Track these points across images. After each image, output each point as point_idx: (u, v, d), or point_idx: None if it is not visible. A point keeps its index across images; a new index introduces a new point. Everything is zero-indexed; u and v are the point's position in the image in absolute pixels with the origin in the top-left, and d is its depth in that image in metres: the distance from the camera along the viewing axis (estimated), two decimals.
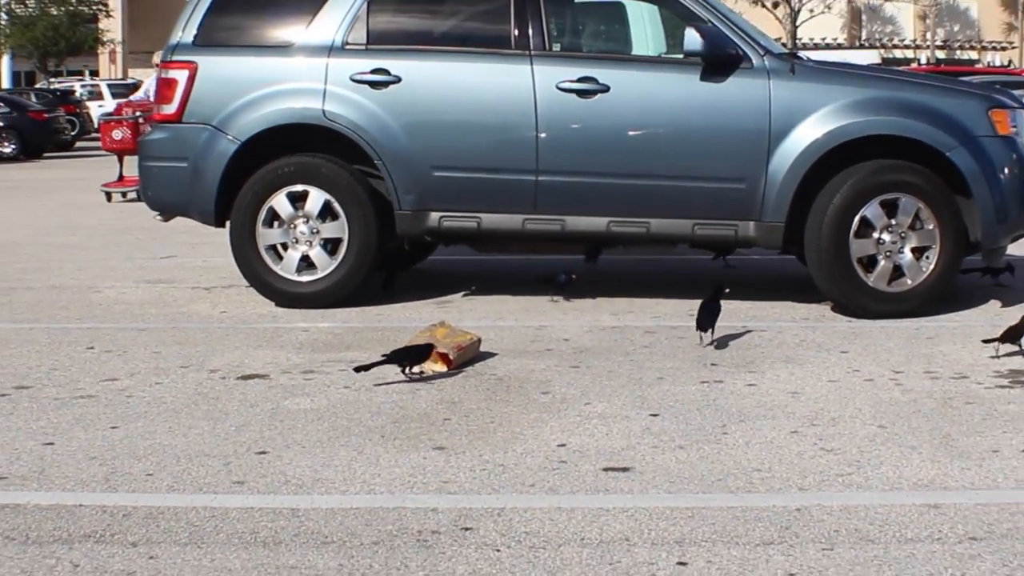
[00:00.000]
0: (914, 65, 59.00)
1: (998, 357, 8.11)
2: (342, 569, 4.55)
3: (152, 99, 18.75)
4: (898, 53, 72.46)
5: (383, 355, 7.37)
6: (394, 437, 6.28)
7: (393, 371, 7.51)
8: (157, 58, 21.83)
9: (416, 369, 7.55)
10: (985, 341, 8.19)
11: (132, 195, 18.91)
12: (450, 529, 4.96)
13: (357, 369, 7.32)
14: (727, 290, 8.83)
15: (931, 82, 10.78)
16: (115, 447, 6.12)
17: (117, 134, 19.49)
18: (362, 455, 5.98)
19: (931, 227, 9.47)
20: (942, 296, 9.67)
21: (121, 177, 19.36)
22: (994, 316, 9.66)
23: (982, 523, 5.09)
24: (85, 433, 6.37)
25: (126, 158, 19.29)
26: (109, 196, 19.35)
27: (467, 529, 4.96)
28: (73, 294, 10.60)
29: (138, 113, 19.59)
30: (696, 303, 9.17)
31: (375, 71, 9.67)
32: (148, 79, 21.08)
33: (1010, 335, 8.19)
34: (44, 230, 15.81)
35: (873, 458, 6.00)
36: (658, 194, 9.55)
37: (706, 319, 8.58)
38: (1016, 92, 13.98)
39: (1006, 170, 9.52)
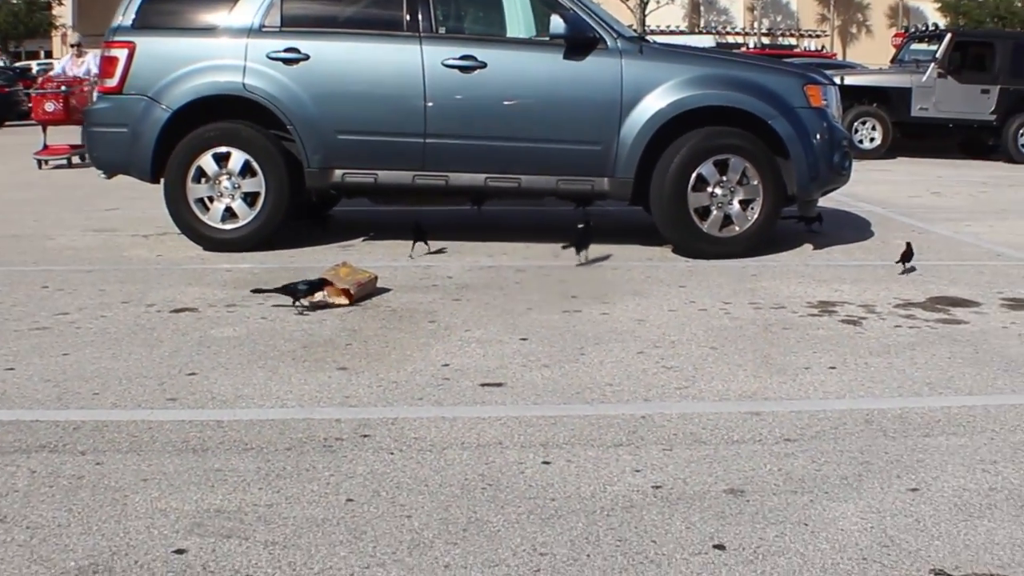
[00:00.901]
0: (743, 49, 59.35)
1: (904, 273, 8.90)
2: (260, 471, 4.53)
3: (91, 76, 18.45)
4: (730, 39, 72.75)
5: (276, 287, 7.41)
6: (303, 360, 6.25)
7: (302, 304, 7.49)
8: (73, 38, 21.47)
9: (320, 300, 7.53)
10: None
11: (57, 163, 18.42)
12: (351, 436, 4.95)
13: (254, 291, 7.43)
14: (591, 223, 9.14)
15: (756, 62, 10.86)
16: (66, 371, 6.04)
17: (49, 106, 18.77)
18: (276, 375, 5.95)
19: (755, 183, 9.62)
20: (764, 240, 9.78)
21: (45, 146, 18.55)
22: (807, 257, 9.81)
23: (795, 427, 5.16)
24: (40, 359, 6.28)
25: (50, 128, 18.74)
26: (40, 163, 18.41)
27: (366, 436, 4.95)
28: (30, 242, 10.41)
29: (64, 88, 18.95)
30: (558, 247, 9.22)
31: (287, 50, 9.59)
32: (73, 58, 20.19)
33: (902, 258, 9.19)
34: (3, 187, 15.50)
35: (706, 374, 6.06)
36: (527, 154, 9.57)
37: (582, 242, 9.12)
38: (828, 71, 14.12)
39: (818, 136, 9.68)
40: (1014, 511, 4.22)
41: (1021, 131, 23.03)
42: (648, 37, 12.58)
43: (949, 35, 23.73)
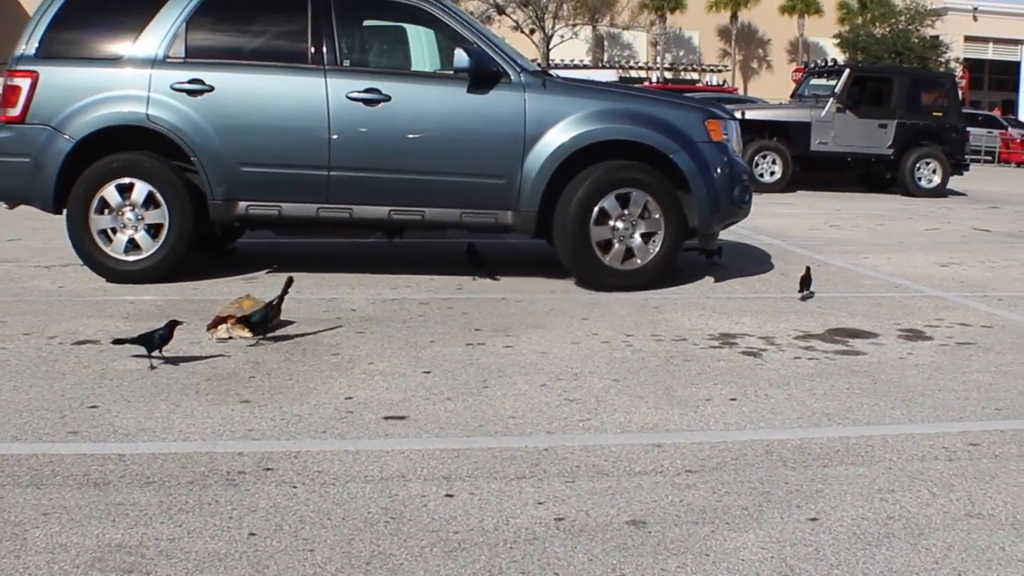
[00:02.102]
0: (646, 83, 59.82)
1: (804, 299, 9.21)
2: (161, 504, 4.49)
3: None
4: (634, 73, 73.29)
5: (132, 337, 6.97)
6: (207, 393, 6.21)
7: (206, 337, 7.45)
8: None
9: (224, 335, 7.49)
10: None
11: None
12: (254, 470, 4.93)
13: (114, 342, 7.02)
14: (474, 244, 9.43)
15: (659, 97, 10.91)
16: None
17: None
18: (179, 408, 5.90)
19: (657, 216, 9.73)
20: (666, 273, 9.87)
21: None
22: (708, 289, 9.91)
23: (697, 458, 5.21)
24: None
25: None
26: None
27: (268, 469, 4.93)
28: None
29: None
30: (464, 279, 9.24)
31: (192, 81, 9.53)
32: None
33: (802, 283, 9.52)
34: None
35: (608, 406, 6.09)
36: (431, 188, 9.57)
37: (477, 262, 9.88)
38: (729, 106, 14.30)
39: (718, 170, 9.80)
40: (911, 539, 4.29)
41: (918, 165, 23.47)
42: (552, 71, 12.62)
43: (848, 70, 24.17)
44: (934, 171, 23.59)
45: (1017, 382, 6.92)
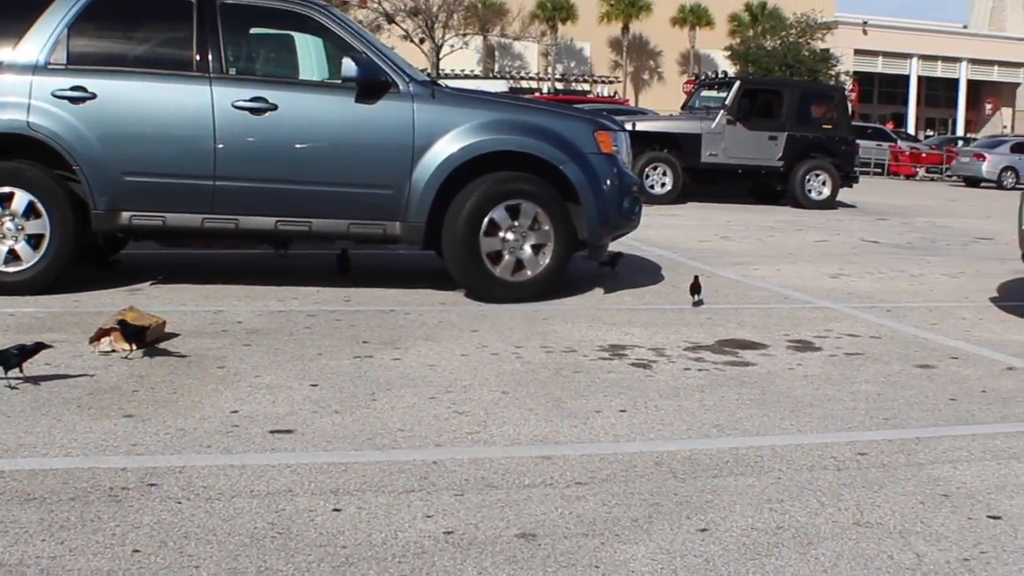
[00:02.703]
0: (537, 94, 60.06)
1: (696, 305, 9.44)
2: (43, 522, 4.44)
3: None
4: (525, 83, 73.59)
5: None
6: (89, 407, 6.14)
7: (88, 350, 7.38)
8: None
9: (107, 347, 7.41)
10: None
11: None
12: (138, 485, 4.88)
13: None
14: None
15: (549, 108, 10.97)
16: None
17: None
18: (60, 423, 5.83)
19: (547, 228, 9.80)
20: (556, 285, 9.94)
21: None
22: (598, 301, 10.00)
23: (587, 470, 5.25)
24: None
25: None
26: None
27: (153, 485, 4.89)
28: None
29: None
30: (352, 290, 9.21)
31: (74, 88, 9.41)
32: None
33: (692, 290, 9.99)
34: None
35: (497, 418, 6.11)
36: (318, 198, 9.54)
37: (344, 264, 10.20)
38: (619, 117, 14.42)
39: (608, 182, 9.91)
40: (801, 549, 4.36)
41: (808, 177, 23.81)
42: (441, 81, 12.65)
43: (738, 82, 24.51)
44: (824, 183, 23.95)
45: (905, 392, 7.06)
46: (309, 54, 11.25)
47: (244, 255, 11.91)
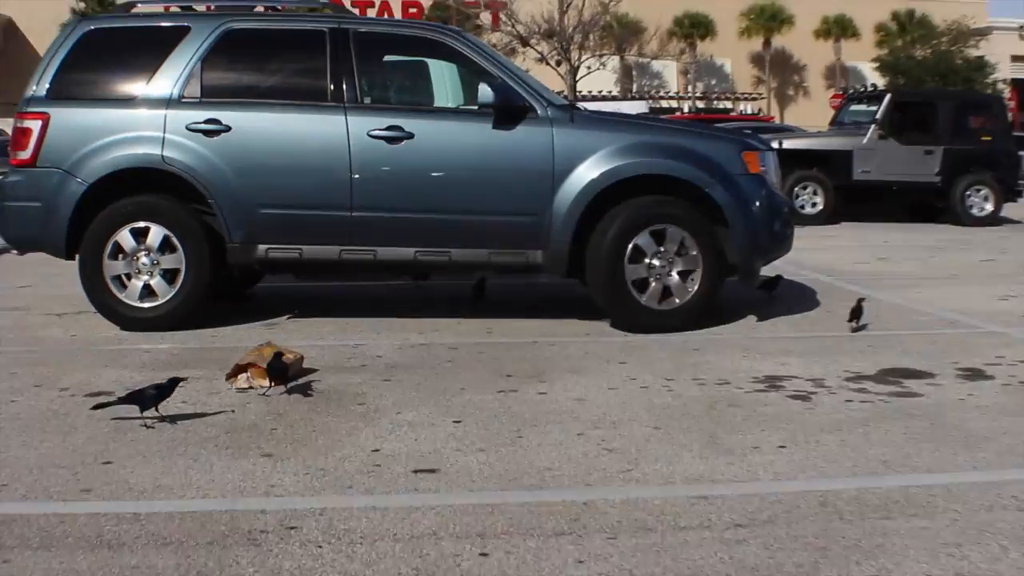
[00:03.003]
0: (678, 113, 59.83)
1: (856, 331, 9.31)
2: (179, 567, 4.43)
3: None
4: (664, 103, 73.36)
5: (120, 397, 6.84)
6: (226, 446, 6.15)
7: (225, 387, 7.42)
8: None
9: (244, 384, 7.45)
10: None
11: None
12: (277, 528, 4.86)
13: (95, 407, 6.77)
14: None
15: (692, 128, 10.88)
16: None
17: None
18: (197, 463, 5.84)
19: (694, 253, 9.66)
20: (706, 312, 9.80)
21: None
22: (751, 329, 9.83)
23: (746, 512, 5.12)
24: None
25: None
26: None
27: (292, 528, 4.86)
28: None
29: None
30: (493, 321, 9.15)
31: (208, 121, 9.55)
32: None
33: (853, 314, 9.75)
34: None
35: (649, 456, 6.00)
36: (458, 227, 9.53)
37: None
38: (765, 135, 14.24)
39: (757, 203, 9.74)
40: None
41: (968, 192, 23.28)
42: (579, 104, 12.59)
43: (889, 95, 24.05)
44: (986, 198, 23.37)
45: None
46: (444, 81, 11.29)
47: (380, 287, 11.94)
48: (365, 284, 11.89)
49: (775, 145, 15.46)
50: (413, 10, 65.78)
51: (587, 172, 9.49)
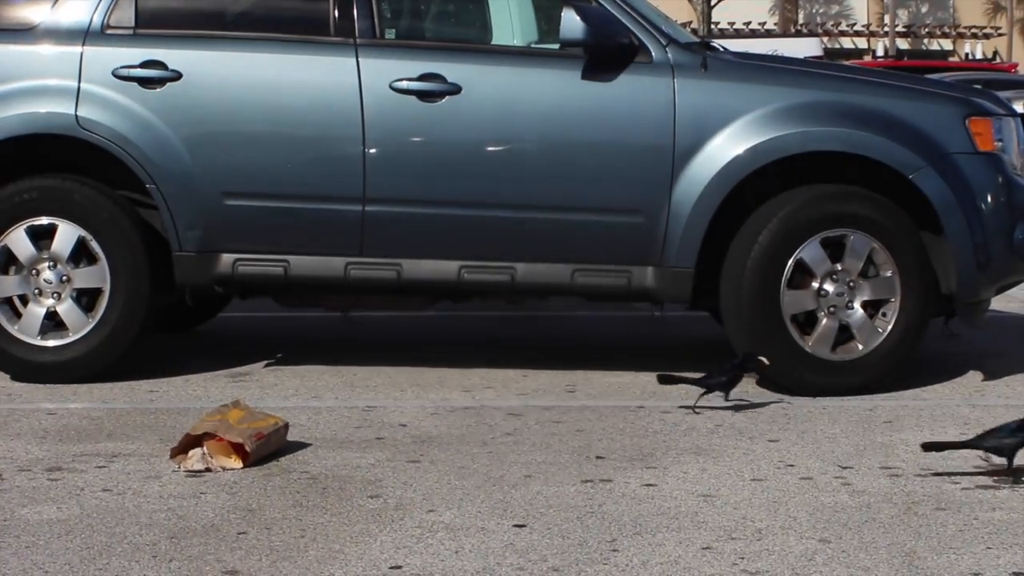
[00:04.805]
0: (868, 59, 59.75)
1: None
2: None
3: None
4: (847, 42, 73.19)
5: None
6: (170, 558, 6.21)
7: (170, 469, 7.50)
8: None
9: (198, 465, 7.50)
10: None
11: None
12: None
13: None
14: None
15: (891, 81, 10.70)
16: None
17: None
18: None
19: (889, 274, 9.54)
20: (902, 365, 9.77)
21: None
22: (973, 392, 9.79)
23: None
24: None
25: None
26: None
27: None
28: None
29: None
30: (576, 374, 9.22)
31: (146, 64, 9.57)
32: None
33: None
34: None
35: None
36: (525, 230, 9.54)
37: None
38: (1003, 94, 14.18)
39: (990, 198, 9.58)
40: None
41: None
42: (716, 43, 12.54)
43: None
44: None
45: None
46: (507, 6, 11.26)
47: (405, 319, 12.00)
48: (381, 315, 11.95)
49: (1019, 109, 15.47)
50: None
51: (726, 147, 9.44)
